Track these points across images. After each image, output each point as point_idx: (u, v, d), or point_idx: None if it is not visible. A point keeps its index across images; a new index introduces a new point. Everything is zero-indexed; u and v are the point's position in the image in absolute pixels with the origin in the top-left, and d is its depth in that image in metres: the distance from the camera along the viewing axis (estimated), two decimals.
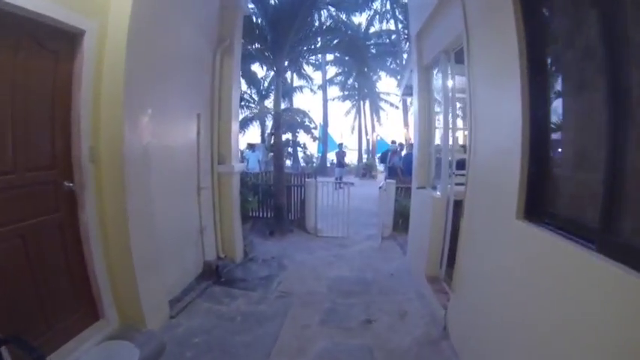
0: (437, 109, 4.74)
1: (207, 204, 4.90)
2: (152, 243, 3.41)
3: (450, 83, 3.96)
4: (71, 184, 2.95)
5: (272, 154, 8.39)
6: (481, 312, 2.62)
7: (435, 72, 4.64)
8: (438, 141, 4.75)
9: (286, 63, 7.43)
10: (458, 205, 3.93)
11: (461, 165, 4.53)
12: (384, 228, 6.67)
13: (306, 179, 7.14)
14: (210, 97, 4.89)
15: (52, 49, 2.81)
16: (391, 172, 10.27)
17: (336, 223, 7.05)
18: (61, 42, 2.86)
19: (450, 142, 3.95)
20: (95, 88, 2.99)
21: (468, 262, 2.92)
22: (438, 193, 4.08)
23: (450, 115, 3.88)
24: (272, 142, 8.36)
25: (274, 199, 7.14)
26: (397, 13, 22.16)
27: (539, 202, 2.01)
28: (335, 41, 7.62)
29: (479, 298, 2.66)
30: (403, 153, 11.60)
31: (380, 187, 6.57)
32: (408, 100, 22.69)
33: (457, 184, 3.96)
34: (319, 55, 25.31)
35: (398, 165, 10.09)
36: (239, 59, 5.37)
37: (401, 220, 7.05)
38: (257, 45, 7.33)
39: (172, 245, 4.09)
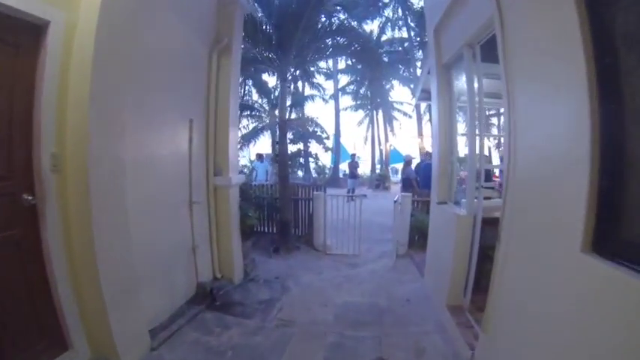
0: (459, 117, 4.24)
1: (202, 220, 4.44)
2: (127, 264, 2.94)
3: (475, 84, 3.44)
4: (31, 197, 2.52)
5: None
6: None
7: (455, 73, 4.12)
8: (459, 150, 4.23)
9: (293, 69, 6.99)
10: (487, 223, 3.39)
11: (485, 177, 4.04)
12: (398, 245, 6.10)
13: (314, 192, 6.63)
14: (205, 102, 4.46)
15: (11, 42, 2.43)
16: (405, 185, 9.58)
17: (346, 239, 6.50)
18: (22, 34, 2.47)
19: (477, 151, 3.40)
20: (61, 87, 2.58)
21: (507, 300, 2.35)
22: (463, 210, 3.52)
23: (477, 119, 3.34)
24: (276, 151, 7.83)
25: (279, 214, 6.64)
26: (409, 21, 21.80)
27: (615, 230, 1.47)
28: (345, 43, 7.15)
29: (522, 347, 2.10)
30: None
31: (395, 201, 6.00)
32: (422, 107, 22.27)
33: (485, 198, 3.43)
34: (330, 63, 25.08)
35: (412, 177, 9.40)
36: (238, 60, 4.95)
37: (417, 236, 6.47)
38: (262, 50, 6.92)
39: (158, 266, 3.63)
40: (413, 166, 10.22)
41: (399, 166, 27.05)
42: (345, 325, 3.79)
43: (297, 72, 25.58)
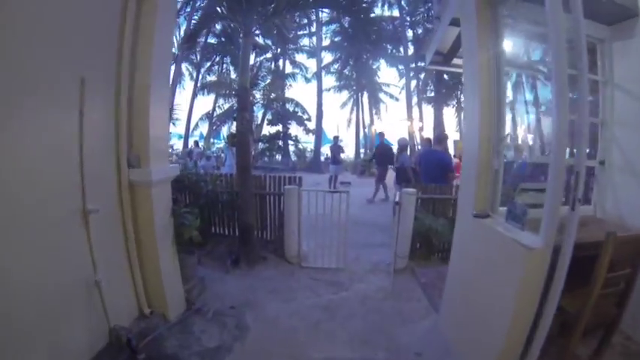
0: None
1: (109, 236, 2.84)
2: None
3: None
4: None
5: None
6: None
7: (510, 12, 2.63)
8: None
9: (257, 29, 5.32)
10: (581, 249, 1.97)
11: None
12: (397, 258, 4.65)
13: (285, 186, 5.04)
14: (116, 54, 2.83)
15: None
16: (400, 175, 8.03)
17: (327, 244, 4.98)
18: None
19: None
20: None
21: None
22: (535, 236, 2.06)
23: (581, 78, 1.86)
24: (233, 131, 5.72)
25: (239, 215, 5.03)
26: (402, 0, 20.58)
27: None
28: None
29: None
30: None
31: (396, 203, 4.47)
32: (412, 86, 20.85)
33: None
34: (314, 41, 23.29)
35: (408, 165, 7.91)
36: None
37: (419, 244, 5.07)
38: None
39: (25, 322, 2.06)
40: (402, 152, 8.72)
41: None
42: None
43: (279, 49, 23.92)
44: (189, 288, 3.86)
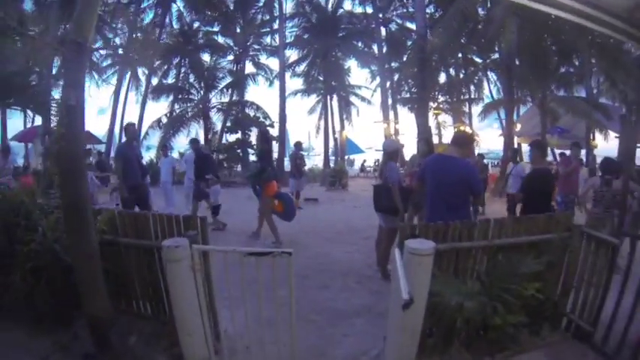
0: None
1: None
2: None
3: None
4: None
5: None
6: None
7: None
8: None
9: None
10: None
11: None
12: None
13: (165, 242, 2.26)
14: None
15: None
16: (379, 199, 4.62)
17: (267, 319, 2.29)
18: None
19: None
20: None
21: None
22: None
23: None
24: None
25: (79, 297, 2.47)
26: None
27: None
28: None
29: None
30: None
31: (406, 303, 1.93)
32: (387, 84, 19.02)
33: None
34: (277, 39, 21.23)
35: (395, 182, 4.48)
36: None
37: (433, 327, 2.81)
38: None
39: None
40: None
41: (357, 157, 23.64)
42: None
43: (241, 50, 21.63)
44: None
